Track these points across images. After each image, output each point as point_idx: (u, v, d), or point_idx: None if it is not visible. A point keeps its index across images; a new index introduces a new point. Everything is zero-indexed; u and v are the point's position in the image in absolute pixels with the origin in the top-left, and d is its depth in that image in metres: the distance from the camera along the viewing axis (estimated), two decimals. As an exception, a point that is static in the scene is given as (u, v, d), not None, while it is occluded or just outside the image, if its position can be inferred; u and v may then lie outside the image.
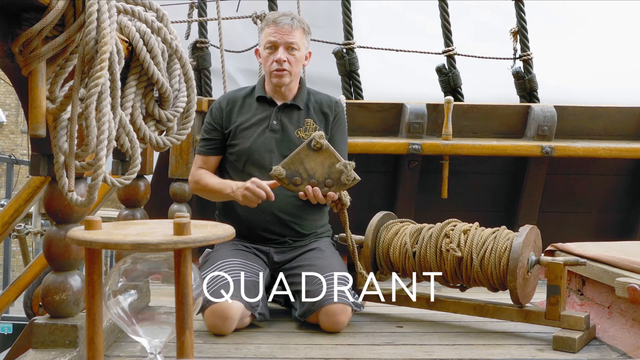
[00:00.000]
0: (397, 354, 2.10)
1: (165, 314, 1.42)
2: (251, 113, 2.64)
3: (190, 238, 1.23)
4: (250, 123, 2.61)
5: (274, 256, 2.57)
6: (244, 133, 2.61)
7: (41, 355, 1.78)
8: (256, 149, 2.57)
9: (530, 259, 2.28)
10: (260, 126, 2.61)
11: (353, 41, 3.78)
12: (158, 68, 1.79)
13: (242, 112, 2.64)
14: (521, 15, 3.93)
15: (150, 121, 1.84)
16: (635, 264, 2.15)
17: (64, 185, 1.54)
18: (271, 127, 2.60)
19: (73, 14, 1.45)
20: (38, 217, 6.60)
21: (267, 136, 2.59)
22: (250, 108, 2.65)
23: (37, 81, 1.45)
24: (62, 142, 1.56)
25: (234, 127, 2.62)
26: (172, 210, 3.19)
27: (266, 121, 2.61)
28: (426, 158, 3.51)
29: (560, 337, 2.14)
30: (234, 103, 2.67)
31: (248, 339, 2.24)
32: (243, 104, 2.67)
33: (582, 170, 3.72)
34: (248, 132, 2.60)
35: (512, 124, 3.60)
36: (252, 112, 2.64)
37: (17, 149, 16.30)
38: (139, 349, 2.06)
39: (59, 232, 1.83)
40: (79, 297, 1.86)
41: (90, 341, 1.31)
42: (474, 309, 2.39)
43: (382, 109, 3.53)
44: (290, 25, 2.55)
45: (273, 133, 2.59)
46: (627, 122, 3.66)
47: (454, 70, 3.82)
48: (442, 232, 2.38)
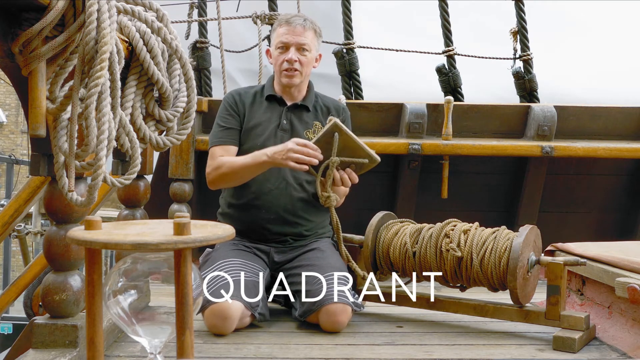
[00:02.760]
0: (397, 354, 2.10)
1: (165, 314, 1.42)
2: (262, 111, 2.65)
3: (190, 238, 1.23)
4: (260, 121, 2.62)
5: (274, 256, 2.57)
6: (255, 131, 2.61)
7: (41, 355, 1.78)
8: (267, 147, 2.56)
9: (530, 259, 2.28)
10: (270, 125, 2.62)
11: (353, 41, 3.78)
12: (158, 68, 1.79)
13: (253, 109, 2.65)
14: (521, 15, 3.93)
15: (150, 121, 1.84)
16: (635, 264, 2.15)
17: (64, 185, 1.54)
18: (282, 127, 2.61)
19: (73, 14, 1.45)
20: (38, 217, 6.60)
21: (277, 135, 2.59)
22: (260, 106, 2.66)
23: (37, 81, 1.45)
24: (62, 142, 1.56)
25: (245, 123, 2.63)
26: (172, 210, 3.19)
27: (276, 120, 2.62)
28: (426, 158, 3.51)
29: (560, 337, 2.14)
30: (246, 98, 2.68)
31: (248, 339, 2.24)
32: (254, 100, 2.67)
33: (582, 170, 3.72)
34: (259, 130, 2.61)
35: (512, 124, 3.60)
36: (263, 110, 2.65)
37: (17, 149, 16.31)
38: (139, 349, 2.06)
39: (59, 232, 1.83)
40: (79, 297, 1.86)
41: (90, 341, 1.31)
42: (474, 309, 2.39)
43: (382, 109, 3.53)
44: (303, 26, 2.57)
45: (283, 132, 2.61)
46: (627, 122, 3.66)
47: (454, 70, 3.82)
48: (442, 232, 2.38)
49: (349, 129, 2.40)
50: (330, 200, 2.40)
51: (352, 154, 2.37)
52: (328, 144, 2.35)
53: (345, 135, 2.34)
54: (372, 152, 2.38)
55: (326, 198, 2.39)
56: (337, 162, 2.35)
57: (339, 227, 2.46)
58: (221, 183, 2.61)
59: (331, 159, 2.35)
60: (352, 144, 2.35)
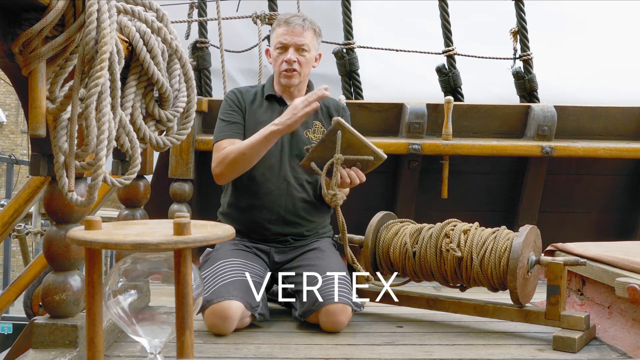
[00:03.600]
0: (397, 354, 2.10)
1: (165, 314, 1.42)
2: (262, 111, 2.64)
3: (190, 238, 1.23)
4: (261, 120, 2.61)
5: (274, 256, 2.57)
6: (255, 130, 2.60)
7: (41, 355, 1.78)
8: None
9: (530, 259, 2.28)
10: None
11: (353, 41, 3.78)
12: (158, 68, 1.79)
13: (253, 109, 2.65)
14: (521, 15, 3.93)
15: (150, 121, 1.84)
16: (635, 264, 2.15)
17: (64, 185, 1.54)
18: None
19: (73, 14, 1.45)
20: (38, 217, 6.60)
21: None
22: (260, 106, 2.66)
23: (37, 81, 1.45)
24: (62, 142, 1.56)
25: (246, 122, 2.62)
26: (172, 210, 3.19)
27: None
28: (426, 158, 3.51)
29: (560, 337, 2.14)
30: (247, 96, 2.67)
31: (248, 339, 2.24)
32: (254, 100, 2.67)
33: (582, 170, 3.72)
34: (259, 129, 2.60)
35: (512, 124, 3.60)
36: (263, 110, 2.64)
37: (17, 149, 16.31)
38: (139, 349, 2.06)
39: (59, 232, 1.83)
40: (79, 297, 1.86)
41: (90, 341, 1.31)
42: (474, 309, 2.39)
43: (382, 109, 3.53)
44: (302, 26, 2.56)
45: None
46: (627, 122, 3.66)
47: (454, 70, 3.82)
48: (442, 232, 2.38)
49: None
50: (336, 199, 2.36)
51: (357, 152, 2.35)
52: (332, 143, 2.34)
53: (349, 133, 2.32)
54: (377, 150, 2.36)
55: (332, 196, 2.36)
56: (342, 160, 2.33)
57: (344, 228, 2.42)
58: (230, 173, 2.54)
59: (335, 156, 2.33)
60: (356, 141, 2.34)
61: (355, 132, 2.34)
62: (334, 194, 2.35)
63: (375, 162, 2.36)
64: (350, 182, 2.37)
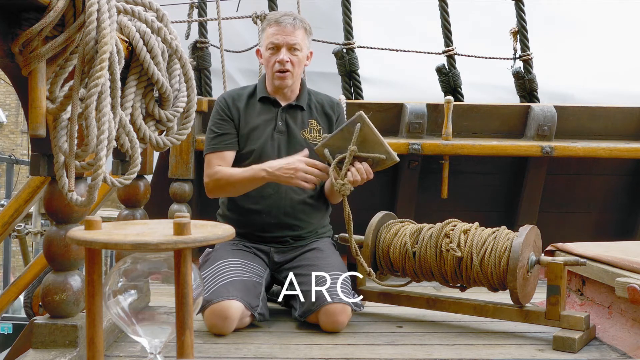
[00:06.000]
0: (397, 354, 2.10)
1: (165, 314, 1.42)
2: (256, 114, 2.62)
3: (190, 238, 1.23)
4: (256, 124, 2.60)
5: (274, 256, 2.57)
6: (251, 135, 2.59)
7: (41, 355, 1.78)
8: (265, 150, 2.56)
9: (530, 259, 2.28)
10: (267, 127, 2.59)
11: (353, 41, 3.78)
12: (158, 68, 1.79)
13: (248, 112, 2.62)
14: (521, 16, 3.93)
15: (150, 121, 1.84)
16: (635, 264, 2.15)
17: (64, 185, 1.54)
18: (278, 129, 2.59)
19: (73, 14, 1.45)
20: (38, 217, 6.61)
21: (274, 138, 2.58)
22: (254, 108, 2.63)
23: (37, 81, 1.45)
24: (62, 142, 1.56)
25: (241, 128, 2.60)
26: (172, 210, 3.19)
27: (272, 122, 2.60)
28: (426, 158, 3.51)
29: (560, 337, 2.14)
30: (239, 101, 2.64)
31: (248, 339, 2.24)
32: (248, 103, 2.64)
33: (582, 170, 3.72)
34: (255, 133, 2.59)
35: (512, 124, 3.60)
36: (257, 113, 2.62)
37: (17, 149, 16.31)
38: (139, 349, 2.06)
39: (59, 232, 1.83)
40: (79, 297, 1.86)
41: (90, 341, 1.31)
42: (474, 309, 2.39)
43: (382, 109, 3.53)
44: (293, 25, 2.54)
45: (280, 134, 2.59)
46: (627, 122, 3.66)
47: (454, 70, 3.82)
48: (442, 232, 2.38)
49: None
50: (345, 188, 2.35)
51: (370, 149, 2.35)
52: (349, 134, 2.34)
53: (367, 127, 2.32)
54: (391, 150, 2.35)
55: (341, 185, 2.35)
56: (356, 152, 2.33)
57: (350, 218, 2.41)
58: (220, 193, 2.62)
59: (350, 148, 2.33)
60: (372, 138, 2.34)
61: (374, 129, 2.34)
62: (343, 184, 2.35)
63: (387, 162, 2.36)
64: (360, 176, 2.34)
